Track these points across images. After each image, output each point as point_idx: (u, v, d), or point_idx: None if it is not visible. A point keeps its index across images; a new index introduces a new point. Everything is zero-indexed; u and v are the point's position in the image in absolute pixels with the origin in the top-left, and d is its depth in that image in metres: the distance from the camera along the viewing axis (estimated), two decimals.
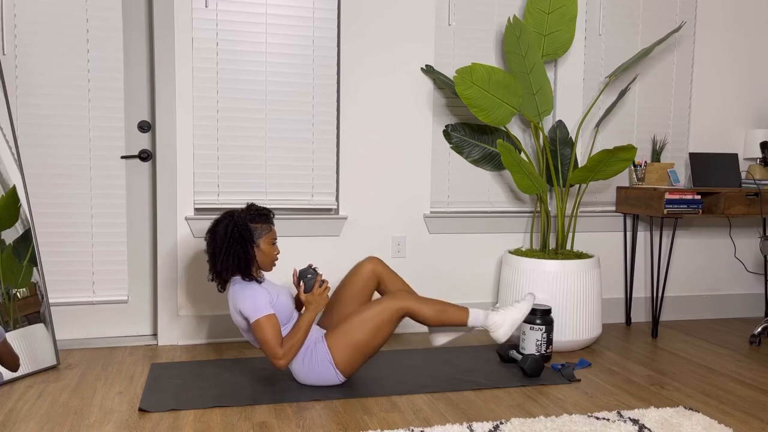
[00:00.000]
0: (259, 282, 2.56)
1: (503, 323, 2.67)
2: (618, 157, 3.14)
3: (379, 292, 2.82)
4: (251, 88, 3.26)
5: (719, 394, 2.63)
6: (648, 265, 3.88)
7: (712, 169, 3.65)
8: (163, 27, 3.11)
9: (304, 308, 2.56)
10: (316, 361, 2.54)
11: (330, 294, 3.08)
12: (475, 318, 2.64)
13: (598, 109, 3.74)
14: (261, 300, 2.47)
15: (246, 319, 2.52)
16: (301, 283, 2.56)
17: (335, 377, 2.57)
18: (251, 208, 2.61)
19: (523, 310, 2.71)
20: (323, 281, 2.57)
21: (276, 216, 3.30)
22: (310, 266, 2.60)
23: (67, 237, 3.16)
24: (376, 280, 2.77)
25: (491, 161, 3.56)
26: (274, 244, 2.63)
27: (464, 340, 3.40)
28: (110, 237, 3.21)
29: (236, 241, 2.51)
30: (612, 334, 3.55)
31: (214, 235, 2.55)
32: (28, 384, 2.63)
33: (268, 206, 3.31)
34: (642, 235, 3.85)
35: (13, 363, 2.66)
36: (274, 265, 2.65)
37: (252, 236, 2.55)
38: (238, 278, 2.57)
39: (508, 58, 3.31)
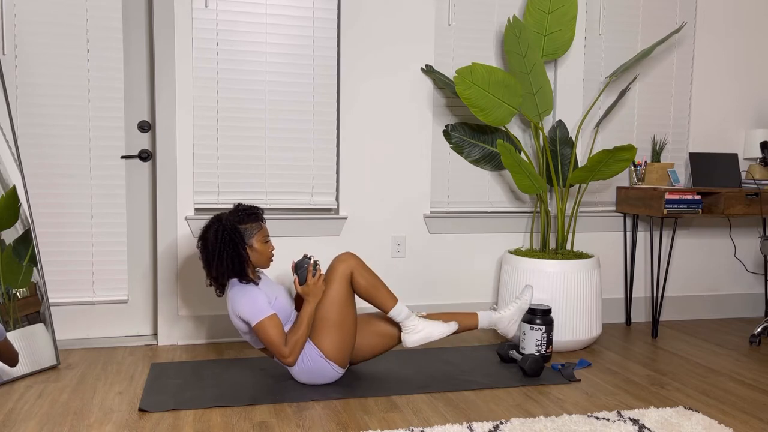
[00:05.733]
0: (256, 283, 2.55)
1: (419, 331, 2.63)
2: (618, 157, 3.14)
3: (354, 290, 2.66)
4: (251, 88, 3.26)
5: (719, 394, 2.63)
6: (648, 265, 3.88)
7: (712, 169, 3.65)
8: (163, 27, 3.11)
9: (304, 302, 2.56)
10: (309, 361, 2.54)
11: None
12: (398, 312, 2.62)
13: (598, 109, 3.74)
14: (259, 302, 2.47)
15: (247, 323, 2.51)
16: (295, 275, 2.56)
17: (332, 371, 2.57)
18: (238, 208, 2.59)
19: (442, 331, 2.65)
20: (316, 270, 2.56)
21: (276, 216, 3.30)
22: (305, 256, 2.59)
23: (67, 237, 3.16)
24: (350, 277, 2.63)
25: (491, 161, 3.56)
26: (267, 241, 2.61)
27: (464, 340, 3.40)
28: (110, 237, 3.21)
29: (227, 245, 2.49)
30: (612, 334, 3.55)
31: (205, 241, 2.54)
32: (28, 384, 2.63)
33: (267, 206, 3.31)
34: (642, 235, 3.85)
35: (12, 359, 2.66)
36: (271, 261, 2.64)
37: (242, 238, 2.53)
38: (235, 281, 2.56)
39: (508, 58, 3.31)
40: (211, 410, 2.38)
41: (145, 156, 3.26)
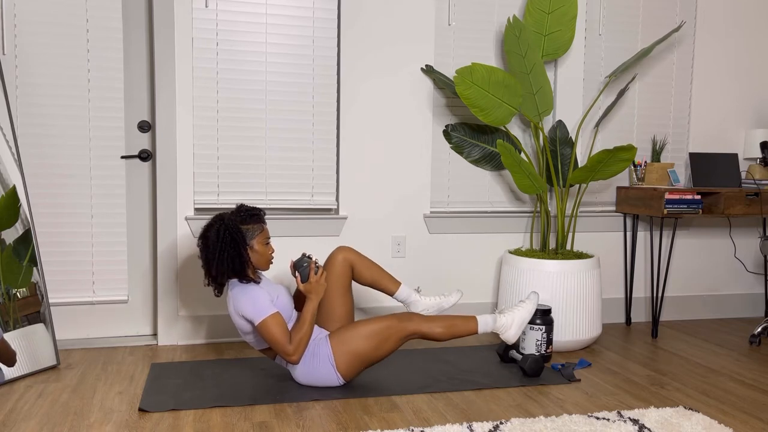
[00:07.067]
0: (257, 283, 2.55)
1: (512, 324, 2.68)
2: (618, 157, 3.14)
3: (355, 280, 2.82)
4: (251, 88, 3.26)
5: (719, 394, 2.63)
6: (648, 265, 3.88)
7: (712, 169, 3.65)
8: (163, 27, 3.11)
9: (306, 299, 2.56)
10: (318, 362, 2.53)
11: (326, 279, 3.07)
12: (485, 324, 2.65)
13: (598, 109, 3.74)
14: (262, 300, 2.46)
15: (250, 322, 2.51)
16: (297, 273, 2.56)
17: (335, 379, 2.56)
18: (241, 209, 2.58)
19: (529, 308, 2.73)
20: (318, 267, 2.56)
21: (276, 216, 3.30)
22: (304, 255, 2.58)
23: (67, 237, 3.16)
24: (349, 268, 2.77)
25: (491, 161, 3.56)
26: (267, 243, 2.61)
27: (464, 340, 3.40)
28: (110, 237, 3.21)
29: (228, 245, 2.48)
30: (612, 334, 3.55)
31: (206, 240, 2.52)
32: (28, 384, 2.63)
33: (267, 206, 3.31)
34: (642, 235, 3.85)
35: (10, 359, 2.66)
36: (271, 263, 2.64)
37: (244, 238, 2.52)
38: (235, 281, 2.56)
39: (508, 58, 3.31)
40: (211, 410, 2.38)
41: (145, 156, 3.26)
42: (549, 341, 2.98)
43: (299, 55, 3.30)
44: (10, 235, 2.74)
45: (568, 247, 3.67)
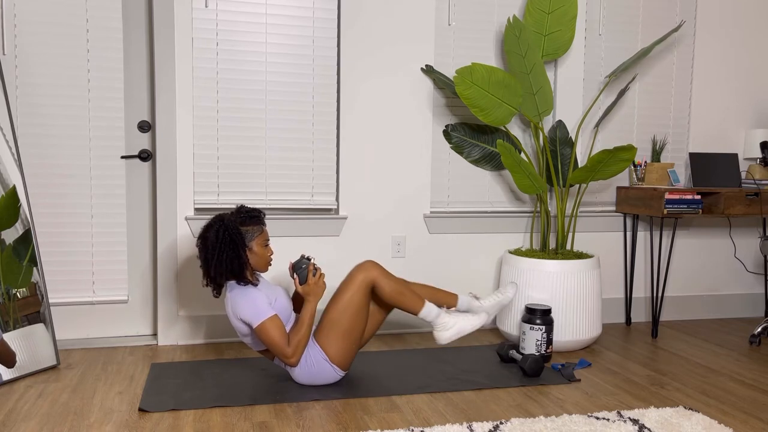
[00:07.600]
0: (255, 285, 2.55)
1: (451, 327, 2.66)
2: (618, 157, 3.14)
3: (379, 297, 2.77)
4: (251, 88, 3.26)
5: (719, 394, 2.63)
6: (648, 265, 3.88)
7: (712, 169, 3.65)
8: (163, 27, 3.11)
9: (304, 301, 2.56)
10: (312, 362, 2.54)
11: (326, 281, 3.07)
12: (428, 312, 2.64)
13: (598, 109, 3.74)
14: (260, 303, 2.46)
15: (248, 325, 2.51)
16: (295, 275, 2.56)
17: (333, 373, 2.57)
18: (241, 210, 2.57)
19: (473, 323, 2.69)
20: (316, 269, 2.56)
21: (276, 216, 3.30)
22: (302, 257, 2.59)
23: (67, 237, 3.16)
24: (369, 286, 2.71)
25: (491, 161, 3.56)
26: (267, 245, 2.60)
27: (464, 340, 3.40)
28: (110, 237, 3.21)
29: (228, 246, 2.47)
30: (612, 334, 3.55)
31: (205, 240, 2.51)
32: (28, 384, 2.63)
33: (267, 206, 3.31)
34: (642, 235, 3.85)
35: (9, 360, 2.66)
36: (270, 265, 2.63)
37: (243, 240, 2.51)
38: (233, 283, 2.55)
39: (508, 58, 3.31)
40: (211, 410, 2.38)
41: (145, 156, 3.26)
42: (549, 341, 2.98)
43: (299, 55, 3.30)
44: (10, 235, 2.74)
45: (568, 247, 3.67)
